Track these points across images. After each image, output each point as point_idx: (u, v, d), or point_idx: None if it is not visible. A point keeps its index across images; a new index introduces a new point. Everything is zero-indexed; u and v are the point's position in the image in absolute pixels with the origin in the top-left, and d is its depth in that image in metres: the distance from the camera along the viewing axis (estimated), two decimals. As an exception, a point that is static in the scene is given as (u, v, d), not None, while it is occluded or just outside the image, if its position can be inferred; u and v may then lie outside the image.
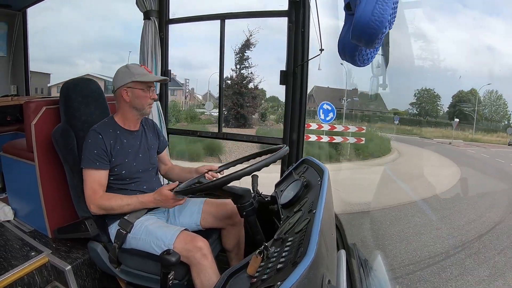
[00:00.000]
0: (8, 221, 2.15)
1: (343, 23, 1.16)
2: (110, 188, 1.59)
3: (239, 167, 1.44)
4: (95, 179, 1.52)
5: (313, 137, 8.87)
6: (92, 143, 1.54)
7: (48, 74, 20.66)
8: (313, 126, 9.06)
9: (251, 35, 18.40)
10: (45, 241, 1.90)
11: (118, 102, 1.65)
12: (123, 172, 1.59)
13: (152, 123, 1.84)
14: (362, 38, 1.02)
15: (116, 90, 1.62)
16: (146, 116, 1.74)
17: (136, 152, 1.65)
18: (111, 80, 1.68)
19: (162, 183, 1.92)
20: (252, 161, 1.48)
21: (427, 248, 4.28)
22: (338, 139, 9.65)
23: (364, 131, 10.26)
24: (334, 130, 9.30)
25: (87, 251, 1.68)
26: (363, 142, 9.98)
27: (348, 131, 9.73)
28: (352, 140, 9.57)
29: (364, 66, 1.23)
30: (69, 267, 1.69)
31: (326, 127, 9.00)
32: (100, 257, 1.60)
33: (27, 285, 1.64)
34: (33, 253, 1.78)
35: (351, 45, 1.12)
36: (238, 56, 18.74)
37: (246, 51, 18.83)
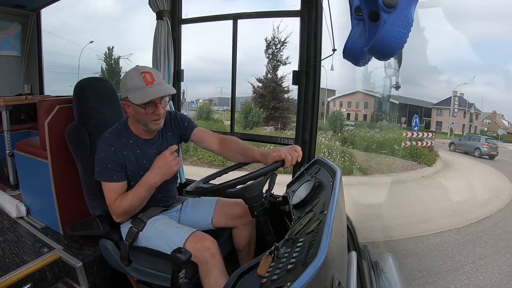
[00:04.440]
0: (21, 217, 2.18)
1: (351, 26, 1.18)
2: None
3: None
4: (115, 191, 1.45)
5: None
6: (104, 157, 1.45)
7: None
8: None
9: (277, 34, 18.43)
10: (57, 238, 1.93)
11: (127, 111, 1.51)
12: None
13: (171, 116, 1.63)
14: (380, 55, 1.06)
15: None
16: (156, 130, 1.54)
17: (152, 161, 1.47)
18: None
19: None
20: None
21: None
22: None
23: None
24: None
25: (98, 249, 1.69)
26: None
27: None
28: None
29: (363, 66, 1.24)
30: (80, 264, 1.71)
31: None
32: (111, 254, 1.61)
33: (38, 281, 1.66)
34: (45, 250, 1.81)
35: (359, 50, 1.14)
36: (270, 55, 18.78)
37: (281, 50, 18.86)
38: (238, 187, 1.37)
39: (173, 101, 2.37)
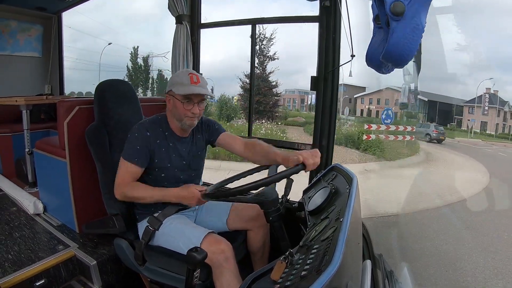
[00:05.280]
0: (38, 214, 2.22)
1: (372, 34, 1.20)
2: (145, 180, 1.58)
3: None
4: (129, 171, 1.51)
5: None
6: (137, 137, 1.51)
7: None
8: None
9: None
10: (72, 236, 1.96)
11: (167, 107, 1.60)
12: (162, 175, 1.58)
13: (202, 120, 1.69)
14: (393, 63, 1.12)
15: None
16: (189, 129, 1.61)
17: (181, 159, 1.60)
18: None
19: None
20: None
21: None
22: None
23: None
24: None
25: (113, 248, 1.71)
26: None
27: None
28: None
29: (388, 73, 1.24)
30: (95, 262, 1.73)
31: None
32: (125, 253, 1.62)
33: (52, 277, 1.68)
34: (60, 247, 1.83)
35: (378, 58, 1.15)
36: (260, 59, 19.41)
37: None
38: (255, 191, 1.37)
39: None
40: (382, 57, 1.10)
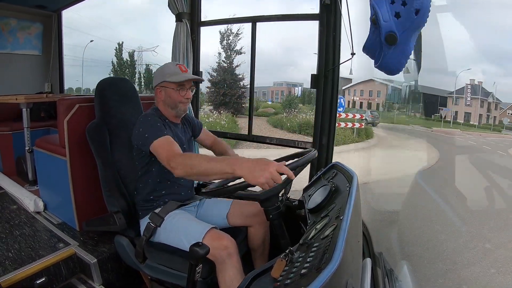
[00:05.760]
0: (39, 212, 2.22)
1: (369, 31, 1.30)
2: (150, 173, 1.61)
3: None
4: (170, 143, 1.43)
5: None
6: (151, 119, 1.54)
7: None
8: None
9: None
10: (73, 234, 1.96)
11: (156, 100, 1.68)
12: None
13: (191, 117, 1.91)
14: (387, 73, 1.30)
15: (154, 89, 1.68)
16: (182, 114, 1.72)
17: (181, 143, 1.66)
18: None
19: None
20: None
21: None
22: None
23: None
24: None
25: (113, 246, 1.72)
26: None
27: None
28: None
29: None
30: (95, 260, 1.73)
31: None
32: (126, 251, 1.63)
33: (52, 275, 1.68)
34: (60, 245, 1.83)
35: (374, 53, 1.30)
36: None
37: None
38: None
39: (192, 104, 2.38)
40: (376, 67, 1.28)
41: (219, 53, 20.84)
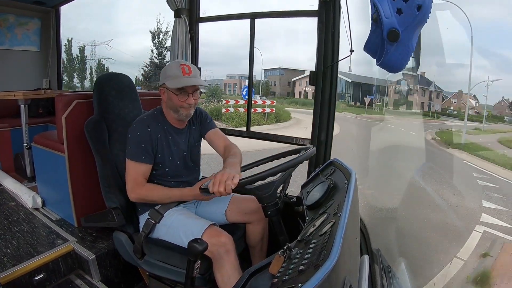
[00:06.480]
0: (37, 209, 2.23)
1: (370, 29, 1.30)
2: (150, 182, 1.59)
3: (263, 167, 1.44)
4: (140, 171, 1.51)
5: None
6: (140, 136, 1.51)
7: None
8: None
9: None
10: (71, 230, 1.96)
11: (162, 100, 1.61)
12: (167, 169, 1.59)
13: (200, 112, 1.73)
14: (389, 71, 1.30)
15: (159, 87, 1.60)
16: (186, 119, 1.62)
17: (181, 150, 1.63)
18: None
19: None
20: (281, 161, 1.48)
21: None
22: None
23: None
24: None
25: (112, 242, 1.72)
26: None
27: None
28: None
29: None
30: (93, 256, 1.73)
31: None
32: (124, 247, 1.63)
33: (51, 272, 1.69)
34: (59, 241, 1.83)
35: (375, 50, 1.31)
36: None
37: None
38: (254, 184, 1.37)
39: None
40: (378, 65, 1.28)
41: (152, 50, 21.67)
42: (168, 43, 21.52)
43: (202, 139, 1.76)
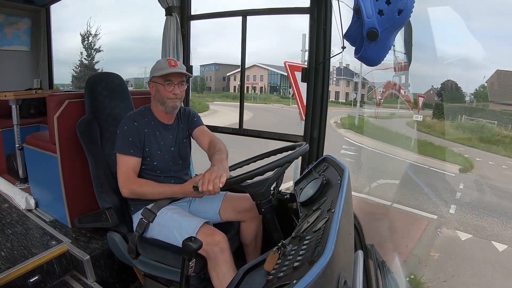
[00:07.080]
0: (30, 210, 2.21)
1: (351, 19, 1.40)
2: (140, 177, 1.60)
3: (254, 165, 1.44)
4: (130, 165, 1.55)
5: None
6: (127, 130, 1.56)
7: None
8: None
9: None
10: (65, 231, 1.95)
11: (151, 97, 1.67)
12: (155, 163, 1.61)
13: (184, 110, 1.78)
14: (366, 65, 1.40)
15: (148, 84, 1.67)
16: (172, 111, 1.65)
17: (168, 146, 1.66)
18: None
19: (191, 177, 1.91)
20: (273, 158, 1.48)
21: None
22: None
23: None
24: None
25: (106, 242, 1.71)
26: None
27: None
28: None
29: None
30: (88, 257, 1.73)
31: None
32: (118, 247, 1.62)
33: (46, 273, 1.68)
34: (53, 242, 1.82)
35: (355, 40, 1.41)
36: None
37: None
38: (246, 182, 1.37)
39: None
40: (356, 58, 1.38)
41: (81, 52, 22.71)
42: (97, 45, 22.78)
43: (191, 137, 1.79)
